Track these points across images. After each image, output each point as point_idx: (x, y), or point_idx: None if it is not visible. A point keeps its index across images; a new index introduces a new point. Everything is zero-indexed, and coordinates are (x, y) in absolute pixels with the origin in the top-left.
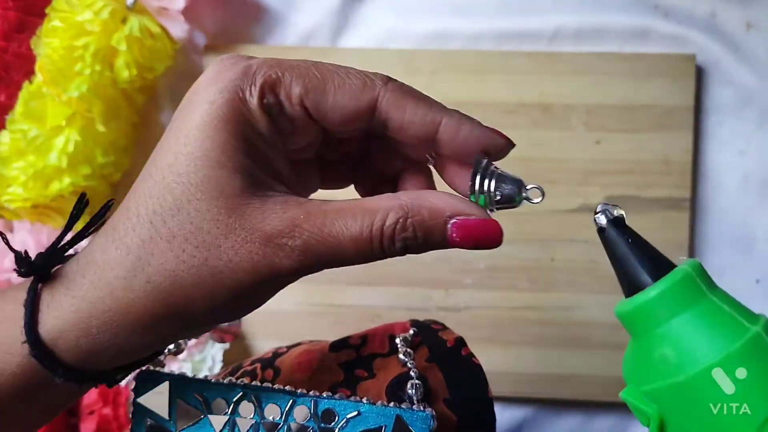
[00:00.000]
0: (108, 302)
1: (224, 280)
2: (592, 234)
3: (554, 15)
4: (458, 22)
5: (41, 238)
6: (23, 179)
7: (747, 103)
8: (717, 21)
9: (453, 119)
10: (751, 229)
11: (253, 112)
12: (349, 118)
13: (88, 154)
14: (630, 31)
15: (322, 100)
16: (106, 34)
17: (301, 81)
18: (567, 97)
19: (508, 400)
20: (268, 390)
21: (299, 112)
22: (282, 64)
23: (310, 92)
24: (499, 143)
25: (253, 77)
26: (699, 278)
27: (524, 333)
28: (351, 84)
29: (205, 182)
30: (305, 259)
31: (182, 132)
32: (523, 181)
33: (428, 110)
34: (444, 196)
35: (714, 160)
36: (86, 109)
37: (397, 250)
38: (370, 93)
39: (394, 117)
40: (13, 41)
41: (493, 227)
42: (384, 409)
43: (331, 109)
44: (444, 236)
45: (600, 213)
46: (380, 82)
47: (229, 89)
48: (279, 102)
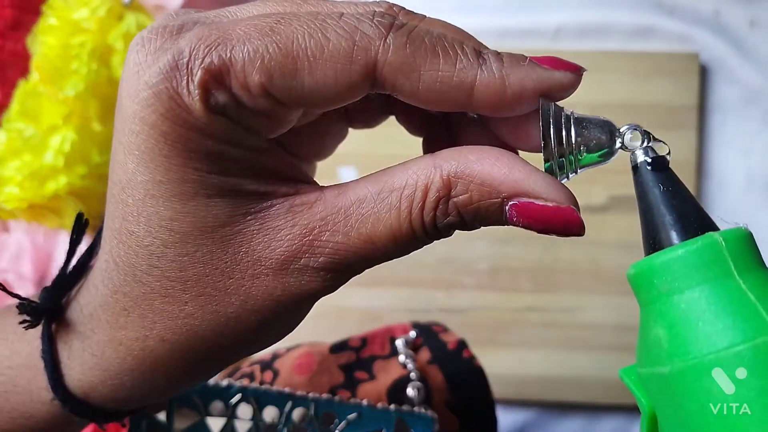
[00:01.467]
0: (131, 362)
1: (245, 322)
2: (595, 235)
3: (556, 12)
4: (459, 19)
5: (37, 238)
6: (19, 179)
7: (751, 101)
8: (721, 19)
9: (491, 74)
10: (756, 228)
11: (201, 119)
12: (339, 99)
13: (85, 153)
14: (633, 29)
15: (295, 86)
16: (102, 32)
17: (258, 63)
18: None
19: (510, 403)
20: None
21: (266, 103)
22: (226, 38)
23: (275, 77)
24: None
25: (189, 71)
26: (730, 251)
27: (527, 335)
28: (332, 53)
29: (177, 221)
30: (335, 275)
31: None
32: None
33: (451, 70)
34: (497, 158)
35: (718, 159)
36: (83, 107)
37: (442, 234)
38: (362, 60)
39: (404, 88)
40: (9, 39)
41: (571, 216)
42: (384, 411)
43: (309, 94)
44: (500, 220)
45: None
46: (377, 36)
47: (161, 96)
48: (234, 98)
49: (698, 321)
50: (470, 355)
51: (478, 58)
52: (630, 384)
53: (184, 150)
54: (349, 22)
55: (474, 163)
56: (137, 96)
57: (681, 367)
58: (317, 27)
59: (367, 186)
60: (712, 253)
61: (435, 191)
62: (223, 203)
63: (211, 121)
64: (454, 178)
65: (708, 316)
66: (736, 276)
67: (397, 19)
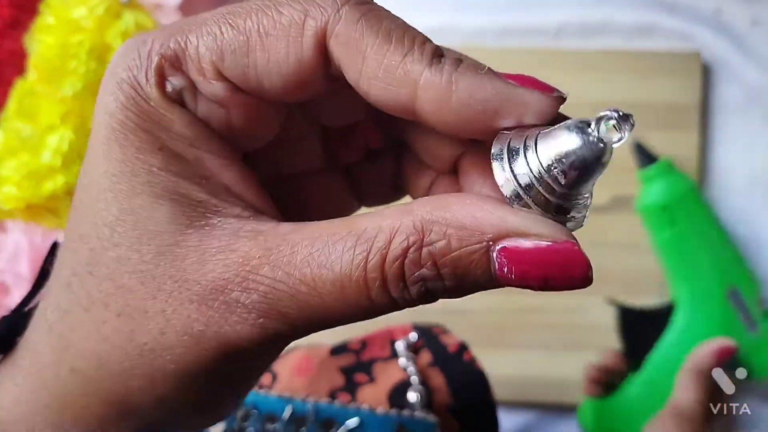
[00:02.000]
0: (45, 397)
1: (159, 361)
2: (597, 235)
3: (558, 10)
4: (460, 17)
5: (35, 238)
6: (17, 178)
7: (753, 100)
8: (722, 18)
9: (438, 74)
10: (759, 229)
11: (159, 107)
12: (296, 80)
13: (83, 152)
14: (635, 27)
15: (248, 64)
16: (100, 31)
17: (210, 41)
18: (571, 94)
19: (511, 405)
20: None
21: (222, 88)
22: (184, 27)
23: (226, 55)
24: (533, 99)
25: (148, 59)
26: None
27: (528, 336)
28: (284, 25)
29: (120, 220)
30: (269, 323)
31: (87, 158)
32: (589, 120)
33: (397, 59)
34: (482, 200)
35: (720, 158)
36: (80, 107)
37: (413, 298)
38: (312, 30)
39: (348, 69)
40: (7, 38)
41: (572, 253)
42: (385, 416)
43: (265, 73)
44: (489, 274)
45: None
46: (330, 7)
47: (124, 84)
48: (190, 82)
49: None
50: (471, 357)
51: (432, 57)
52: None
53: (138, 141)
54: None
55: (453, 204)
56: (104, 88)
57: None
58: (272, 4)
59: (330, 225)
60: None
61: (403, 236)
62: (168, 207)
63: (168, 109)
64: (429, 223)
65: None
66: None
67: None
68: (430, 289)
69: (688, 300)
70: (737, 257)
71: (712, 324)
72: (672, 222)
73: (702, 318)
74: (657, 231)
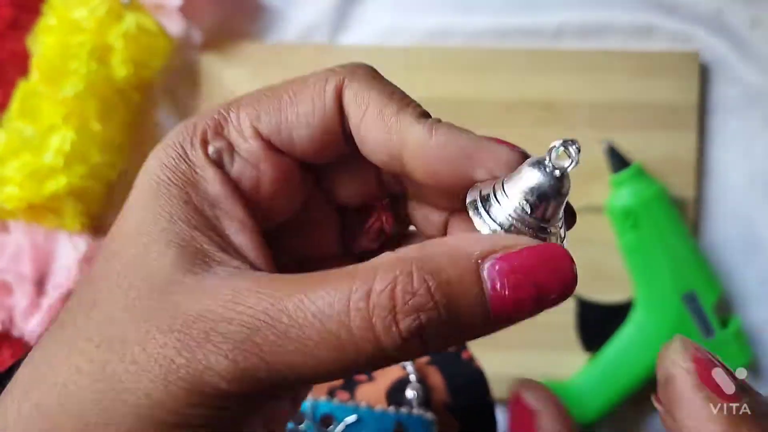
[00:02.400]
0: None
1: (125, 396)
2: (595, 234)
3: (557, 11)
4: (460, 18)
5: (37, 238)
6: (19, 179)
7: (752, 101)
8: (722, 18)
9: (424, 125)
10: (757, 229)
11: (198, 169)
12: (321, 133)
13: (84, 153)
14: (634, 28)
15: (281, 120)
16: (101, 32)
17: (249, 108)
18: (570, 94)
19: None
20: None
21: (257, 146)
22: (230, 103)
23: (262, 115)
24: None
25: (194, 128)
26: None
27: (526, 336)
28: (309, 85)
29: (131, 262)
30: (242, 356)
31: (121, 213)
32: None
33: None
34: (468, 234)
35: (719, 159)
36: (82, 107)
37: (405, 338)
38: (332, 86)
39: (354, 115)
40: (9, 39)
41: (558, 253)
42: (383, 414)
43: (295, 127)
44: (481, 293)
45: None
46: (345, 69)
47: (168, 149)
48: (229, 144)
49: None
50: (470, 356)
51: (420, 115)
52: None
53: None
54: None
55: (441, 239)
56: (157, 152)
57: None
58: (300, 78)
59: (324, 271)
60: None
61: (388, 272)
62: (175, 253)
63: (208, 171)
64: (420, 256)
65: None
66: None
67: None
68: (425, 322)
69: (645, 299)
70: (699, 263)
71: (665, 324)
72: (635, 226)
73: (656, 318)
74: (621, 233)
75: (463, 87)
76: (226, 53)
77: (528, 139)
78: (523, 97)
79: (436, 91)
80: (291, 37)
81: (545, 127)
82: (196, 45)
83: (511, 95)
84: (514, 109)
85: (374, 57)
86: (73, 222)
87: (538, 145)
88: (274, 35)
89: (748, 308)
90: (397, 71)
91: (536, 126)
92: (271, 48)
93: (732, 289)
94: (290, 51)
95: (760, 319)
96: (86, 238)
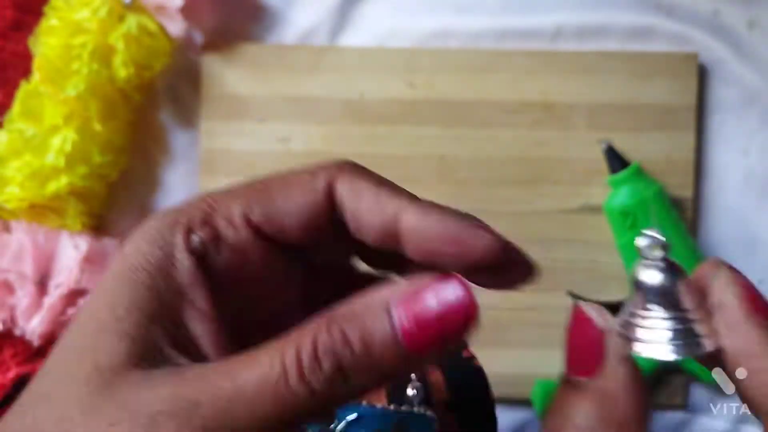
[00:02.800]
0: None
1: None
2: (594, 234)
3: (556, 13)
4: (459, 20)
5: (38, 238)
6: (20, 179)
7: (750, 102)
8: (720, 20)
9: (419, 204)
10: (754, 228)
11: (173, 256)
12: (309, 219)
13: (86, 153)
14: (632, 30)
15: (272, 208)
16: (103, 33)
17: (241, 199)
18: (569, 96)
19: (509, 402)
20: None
21: (247, 235)
22: (217, 193)
23: (254, 205)
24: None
25: (178, 215)
26: None
27: (525, 334)
28: (300, 178)
29: (82, 354)
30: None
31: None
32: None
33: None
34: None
35: (716, 160)
36: (84, 108)
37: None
38: (323, 179)
39: (350, 202)
40: (11, 40)
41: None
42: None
43: (285, 214)
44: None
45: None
46: (333, 165)
47: (146, 234)
48: (216, 233)
49: None
50: (470, 354)
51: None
52: None
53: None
54: (314, 164)
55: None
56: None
57: None
58: (288, 172)
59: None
60: None
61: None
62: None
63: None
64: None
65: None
66: None
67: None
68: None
69: None
70: (697, 262)
71: None
72: (633, 226)
73: None
74: (619, 233)
75: (463, 88)
76: (227, 54)
77: (527, 139)
78: (522, 99)
79: (436, 92)
80: (292, 38)
81: (544, 128)
82: (197, 46)
83: (510, 96)
84: (514, 111)
85: (374, 58)
86: (75, 222)
87: (536, 145)
88: (274, 37)
89: None
90: (397, 73)
91: (535, 127)
92: (271, 49)
93: None
94: (291, 52)
95: None
96: (87, 238)
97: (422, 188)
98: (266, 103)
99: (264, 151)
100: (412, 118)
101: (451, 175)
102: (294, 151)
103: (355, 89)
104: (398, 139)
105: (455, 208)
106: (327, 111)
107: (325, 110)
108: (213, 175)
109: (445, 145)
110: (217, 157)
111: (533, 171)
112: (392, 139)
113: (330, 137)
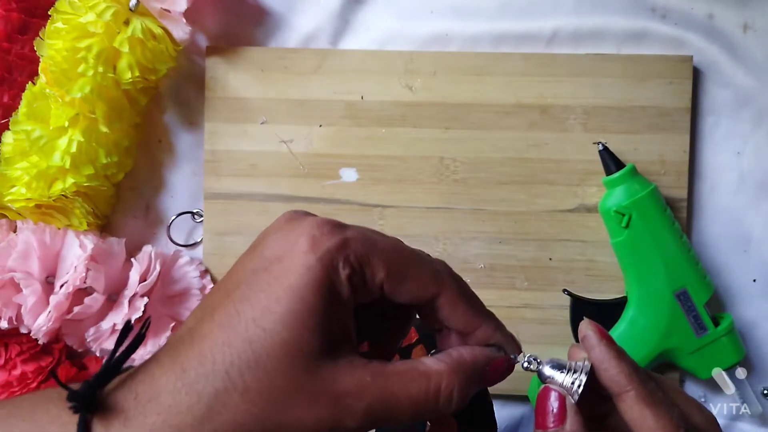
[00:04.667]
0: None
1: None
2: (590, 234)
3: (552, 17)
4: (457, 24)
5: (44, 237)
6: (27, 179)
7: (744, 104)
8: (714, 23)
9: (489, 326)
10: (748, 229)
11: (340, 281)
12: (414, 303)
13: (91, 154)
14: (627, 33)
15: (400, 286)
16: (108, 36)
17: (385, 265)
18: (565, 98)
19: (506, 398)
20: None
21: (377, 290)
22: (374, 244)
23: (392, 278)
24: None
25: (347, 252)
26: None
27: (522, 332)
28: (424, 274)
29: (288, 341)
30: (367, 420)
31: (274, 290)
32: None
33: (475, 315)
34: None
35: (711, 161)
36: (89, 110)
37: (452, 408)
38: (437, 287)
39: (446, 311)
40: (17, 43)
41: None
42: None
43: (404, 294)
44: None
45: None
46: (446, 275)
47: (326, 259)
48: (363, 279)
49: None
50: None
51: (489, 315)
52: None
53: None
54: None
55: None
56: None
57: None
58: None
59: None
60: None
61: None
62: (320, 341)
63: (344, 285)
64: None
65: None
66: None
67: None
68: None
69: (638, 298)
70: (691, 262)
71: (658, 320)
72: (628, 225)
73: (649, 315)
74: (614, 233)
75: (461, 90)
76: (231, 57)
77: (524, 141)
78: (519, 101)
79: (435, 95)
80: (294, 42)
81: (541, 130)
82: (201, 49)
83: (507, 99)
84: (511, 113)
85: (375, 61)
86: (81, 222)
87: (533, 146)
88: (277, 40)
89: (739, 306)
90: (397, 75)
91: (532, 128)
92: (274, 52)
93: (724, 287)
94: (293, 55)
95: (752, 316)
96: (93, 238)
97: (422, 188)
98: (269, 105)
99: (267, 152)
100: (411, 120)
101: (450, 176)
102: (296, 152)
103: (356, 91)
104: (398, 140)
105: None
106: (328, 113)
107: (326, 112)
108: (217, 176)
109: (443, 146)
110: (220, 158)
111: (530, 172)
112: (392, 141)
113: (331, 138)
